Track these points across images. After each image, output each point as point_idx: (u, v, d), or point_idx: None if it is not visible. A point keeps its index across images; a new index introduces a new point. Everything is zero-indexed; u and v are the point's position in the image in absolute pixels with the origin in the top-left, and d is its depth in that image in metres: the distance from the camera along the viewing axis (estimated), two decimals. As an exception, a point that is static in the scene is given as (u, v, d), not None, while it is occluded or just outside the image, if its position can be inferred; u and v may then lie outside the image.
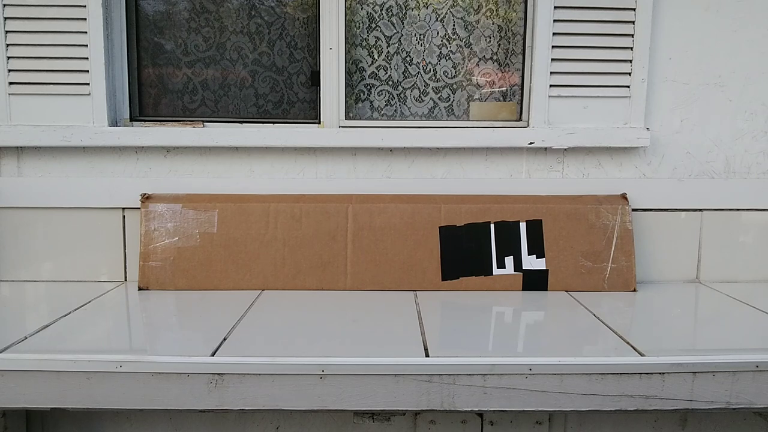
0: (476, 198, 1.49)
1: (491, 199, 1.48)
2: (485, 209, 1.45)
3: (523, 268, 1.43)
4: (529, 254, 1.43)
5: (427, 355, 1.00)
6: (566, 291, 1.42)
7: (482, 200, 1.47)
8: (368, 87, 1.60)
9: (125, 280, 1.52)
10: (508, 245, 1.44)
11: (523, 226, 1.44)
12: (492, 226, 1.44)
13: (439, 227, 1.44)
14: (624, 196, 1.50)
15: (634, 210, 1.53)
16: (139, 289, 1.40)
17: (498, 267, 1.43)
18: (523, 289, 1.43)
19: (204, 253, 1.41)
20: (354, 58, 1.58)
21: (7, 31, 1.44)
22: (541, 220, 1.44)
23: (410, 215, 1.45)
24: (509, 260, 1.43)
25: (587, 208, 1.46)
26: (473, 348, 1.05)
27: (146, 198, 1.45)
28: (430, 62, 1.59)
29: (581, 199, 1.48)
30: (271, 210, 1.44)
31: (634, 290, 1.43)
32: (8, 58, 1.45)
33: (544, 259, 1.43)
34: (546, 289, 1.43)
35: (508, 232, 1.44)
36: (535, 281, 1.43)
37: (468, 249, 1.44)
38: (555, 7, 1.48)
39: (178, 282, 1.41)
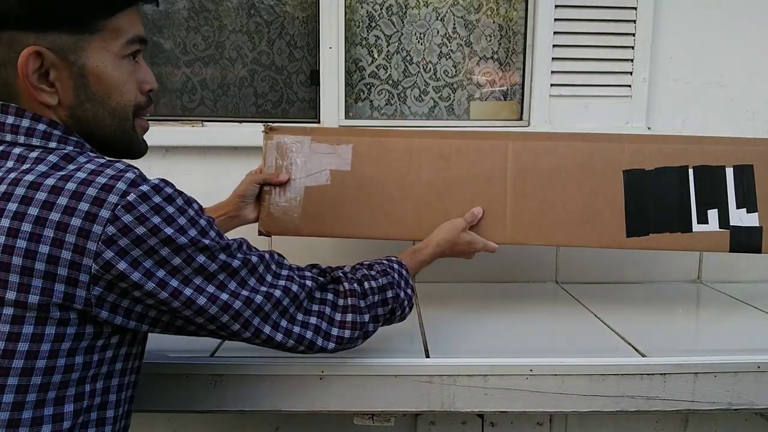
0: (669, 138, 1.26)
1: (688, 140, 1.22)
2: (681, 150, 1.18)
3: (731, 224, 1.18)
4: (738, 207, 1.18)
5: (427, 356, 0.99)
6: None
7: (676, 140, 1.22)
8: (368, 86, 1.59)
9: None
10: (712, 196, 1.18)
11: (730, 172, 1.18)
12: (690, 171, 1.18)
13: (623, 171, 1.18)
14: None
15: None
16: (259, 234, 1.21)
17: (699, 222, 1.18)
18: (730, 250, 1.17)
19: (335, 195, 1.20)
20: (354, 57, 1.57)
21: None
22: (752, 166, 1.18)
23: (586, 156, 1.18)
24: (713, 214, 1.18)
25: None
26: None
27: (270, 129, 1.23)
28: (430, 61, 1.59)
29: None
30: (414, 146, 1.21)
31: None
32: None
33: (756, 214, 1.18)
34: (760, 251, 1.17)
35: (710, 179, 1.18)
36: (745, 240, 1.18)
37: (660, 199, 1.17)
38: (556, 6, 1.48)
39: (303, 228, 1.21)
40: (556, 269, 1.54)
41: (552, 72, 1.50)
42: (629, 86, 1.51)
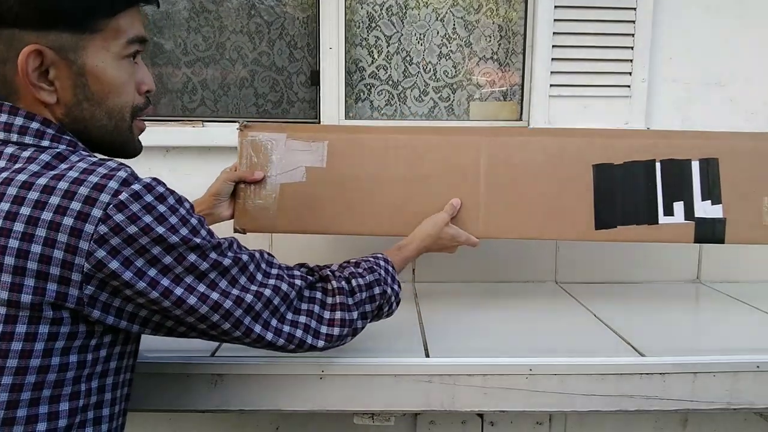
0: (638, 132, 1.27)
1: (657, 134, 1.25)
2: (649, 145, 1.21)
3: (696, 216, 1.20)
4: (702, 200, 1.20)
5: (427, 356, 1.00)
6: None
7: (645, 135, 1.25)
8: (368, 87, 1.59)
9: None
10: (678, 189, 1.20)
11: (695, 165, 1.20)
12: (658, 164, 1.20)
13: (593, 165, 1.20)
14: None
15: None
16: (235, 231, 1.22)
17: (665, 215, 1.20)
18: (695, 241, 1.20)
19: (311, 191, 1.21)
20: (354, 57, 1.58)
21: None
22: (717, 159, 1.20)
23: (557, 151, 1.20)
24: (678, 206, 1.20)
25: None
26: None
27: (245, 126, 1.24)
28: (430, 62, 1.59)
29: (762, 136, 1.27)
30: (390, 143, 1.22)
31: None
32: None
33: (720, 205, 1.20)
34: (723, 242, 1.19)
35: (677, 172, 1.20)
36: (709, 232, 1.20)
37: (628, 192, 1.19)
38: (555, 7, 1.48)
39: (279, 224, 1.22)
40: (556, 269, 1.54)
41: (551, 72, 1.51)
42: (628, 86, 1.51)
